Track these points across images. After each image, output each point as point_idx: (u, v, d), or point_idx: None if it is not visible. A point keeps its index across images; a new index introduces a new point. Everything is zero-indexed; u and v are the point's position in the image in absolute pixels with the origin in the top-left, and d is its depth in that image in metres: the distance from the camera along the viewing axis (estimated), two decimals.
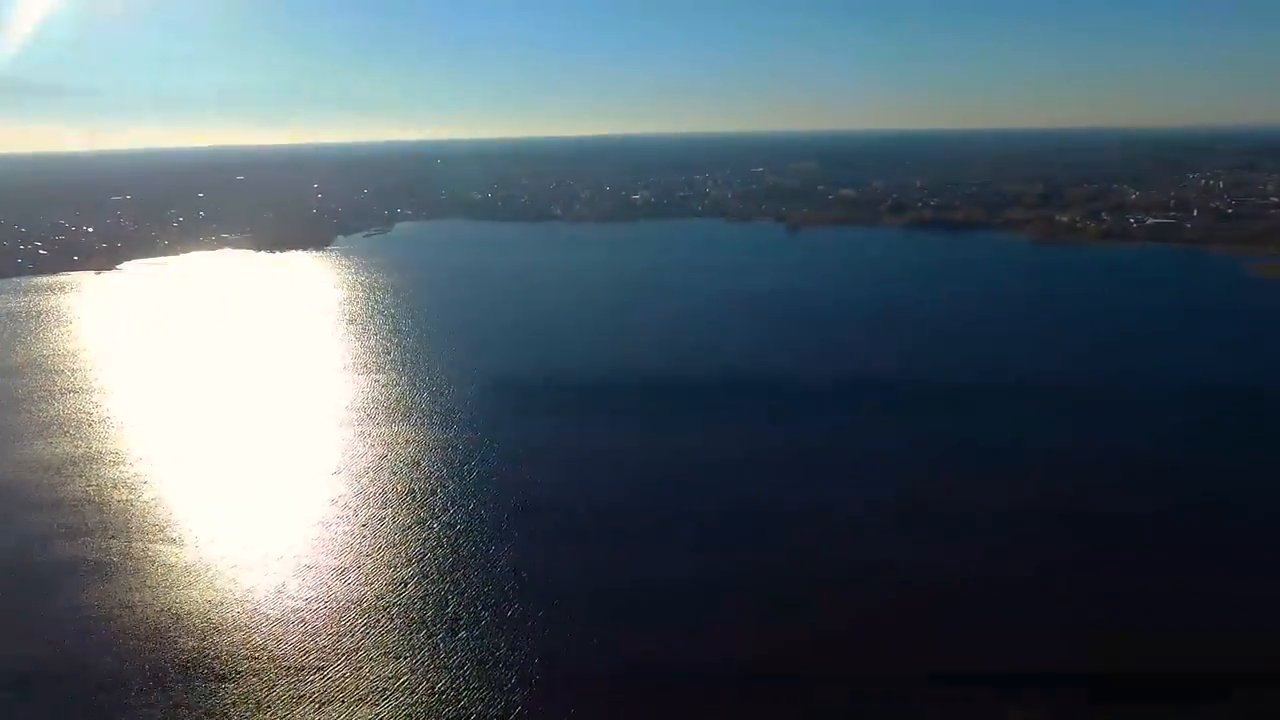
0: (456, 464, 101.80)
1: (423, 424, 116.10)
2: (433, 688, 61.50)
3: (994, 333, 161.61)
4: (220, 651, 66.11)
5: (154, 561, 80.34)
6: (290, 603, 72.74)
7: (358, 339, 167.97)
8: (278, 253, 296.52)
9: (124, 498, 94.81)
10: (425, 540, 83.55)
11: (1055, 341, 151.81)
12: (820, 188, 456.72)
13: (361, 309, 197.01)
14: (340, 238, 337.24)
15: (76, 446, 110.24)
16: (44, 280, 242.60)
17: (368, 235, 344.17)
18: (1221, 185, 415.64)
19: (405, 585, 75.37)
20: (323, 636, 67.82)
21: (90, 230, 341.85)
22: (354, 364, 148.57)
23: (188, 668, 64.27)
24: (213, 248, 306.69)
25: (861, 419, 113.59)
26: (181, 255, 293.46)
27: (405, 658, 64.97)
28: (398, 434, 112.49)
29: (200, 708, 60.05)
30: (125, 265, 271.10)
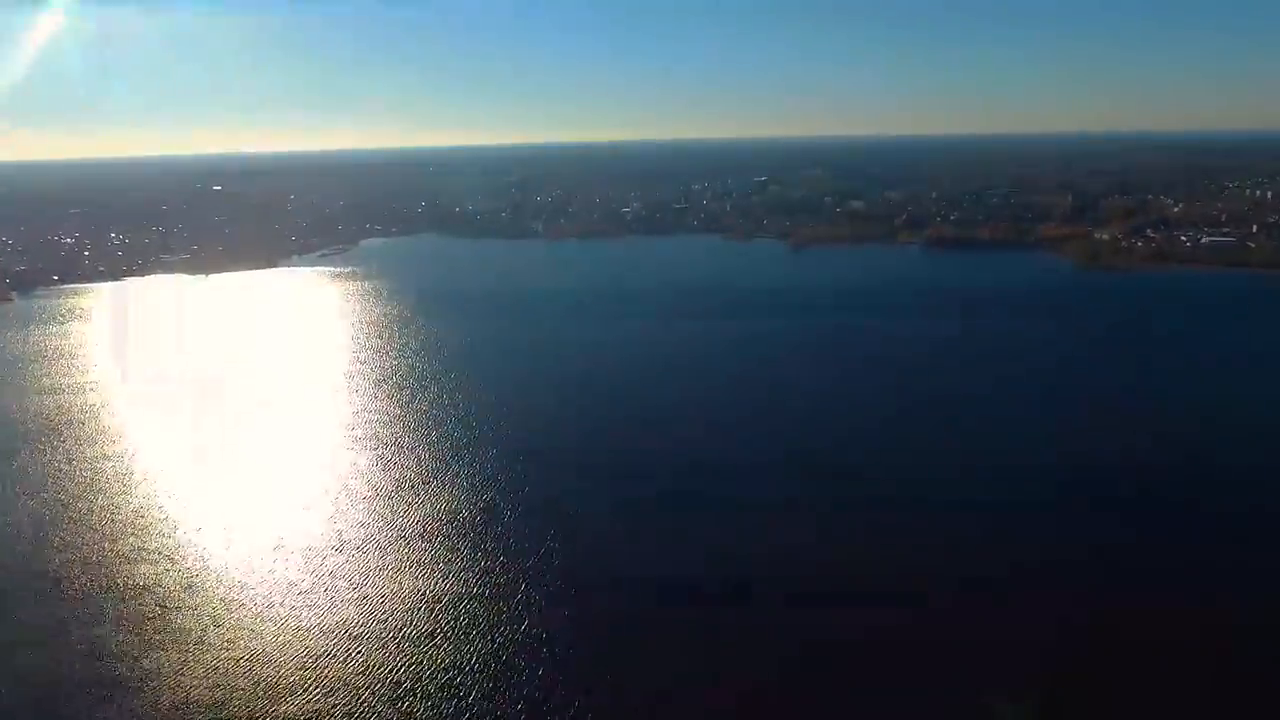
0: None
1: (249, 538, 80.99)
2: None
3: None
4: None
5: None
6: None
7: (226, 415, 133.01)
8: (214, 276, 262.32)
9: None
10: None
11: None
12: (827, 199, 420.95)
13: (253, 363, 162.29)
14: (295, 257, 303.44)
15: None
16: None
17: (323, 255, 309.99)
18: (1269, 196, 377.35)
19: None
20: None
21: (20, 250, 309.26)
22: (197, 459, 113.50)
23: None
24: (144, 272, 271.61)
25: None
26: (106, 283, 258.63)
27: None
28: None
29: None
30: (36, 293, 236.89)
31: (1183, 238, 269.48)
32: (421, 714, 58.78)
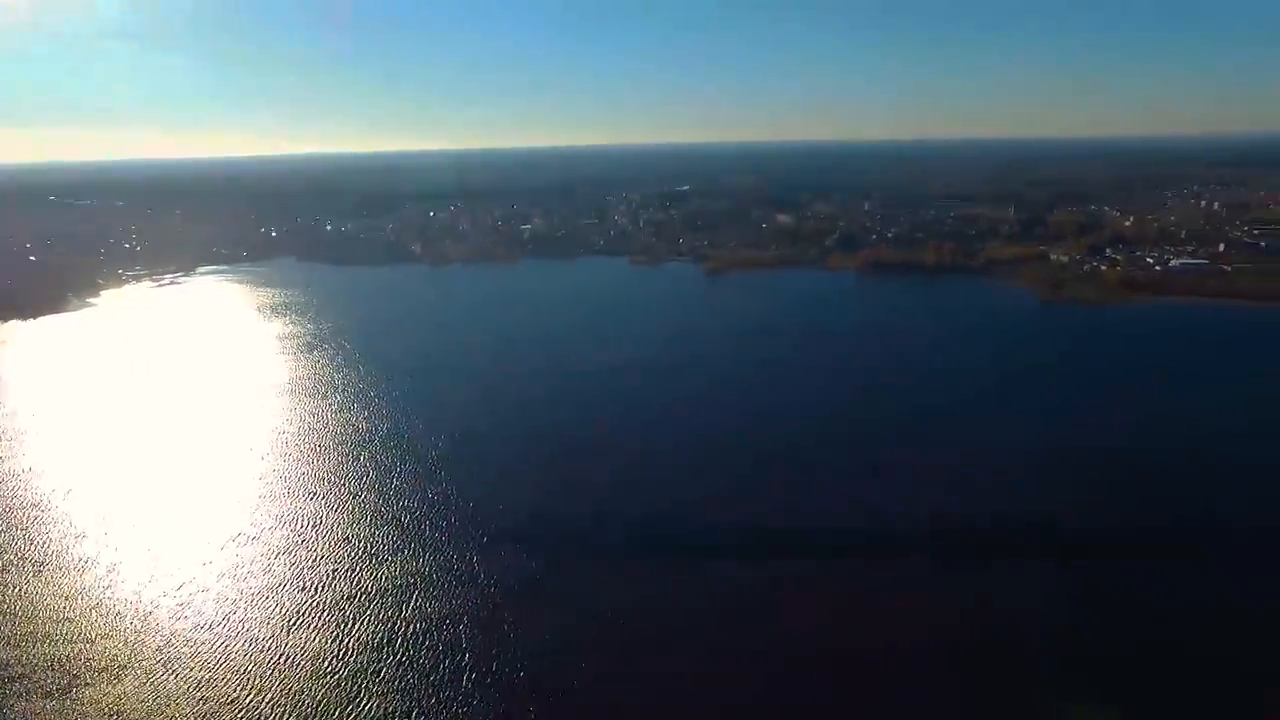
0: None
1: None
2: None
3: None
4: None
5: None
6: None
7: None
8: None
9: None
10: None
11: None
12: (755, 213, 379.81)
13: None
14: (100, 295, 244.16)
15: None
16: None
17: (145, 286, 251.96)
18: (1221, 208, 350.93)
19: None
20: None
21: None
22: None
23: None
24: None
25: None
26: None
27: None
28: None
29: None
30: None
31: (1149, 259, 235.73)
32: None
